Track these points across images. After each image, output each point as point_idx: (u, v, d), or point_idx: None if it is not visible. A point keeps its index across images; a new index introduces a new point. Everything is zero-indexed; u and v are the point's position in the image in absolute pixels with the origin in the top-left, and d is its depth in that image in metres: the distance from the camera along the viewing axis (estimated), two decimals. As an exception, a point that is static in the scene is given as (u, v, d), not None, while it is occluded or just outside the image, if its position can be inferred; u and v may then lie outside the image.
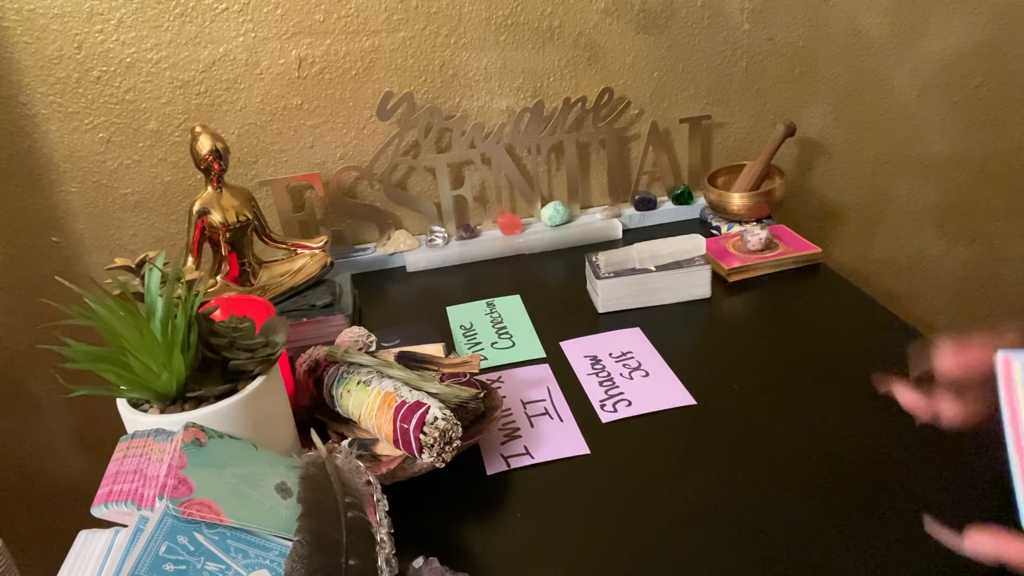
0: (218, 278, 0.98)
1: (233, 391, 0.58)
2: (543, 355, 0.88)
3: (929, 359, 0.50)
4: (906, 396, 0.52)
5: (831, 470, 0.66)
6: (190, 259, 0.96)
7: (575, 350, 0.88)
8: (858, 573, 0.56)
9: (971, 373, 0.48)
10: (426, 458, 0.62)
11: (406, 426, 0.62)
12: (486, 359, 0.88)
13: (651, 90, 1.19)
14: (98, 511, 0.51)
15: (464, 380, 0.72)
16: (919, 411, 0.52)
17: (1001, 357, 0.43)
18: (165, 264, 0.60)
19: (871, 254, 1.40)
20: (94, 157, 1.06)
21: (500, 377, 0.84)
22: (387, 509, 0.55)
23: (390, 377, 0.69)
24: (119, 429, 0.58)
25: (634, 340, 0.89)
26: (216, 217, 0.94)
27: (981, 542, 0.44)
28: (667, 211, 1.23)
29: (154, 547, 0.46)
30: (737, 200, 1.13)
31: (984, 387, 0.46)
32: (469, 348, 0.91)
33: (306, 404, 0.75)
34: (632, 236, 1.16)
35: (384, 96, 1.08)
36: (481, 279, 1.11)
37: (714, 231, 1.16)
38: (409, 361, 0.74)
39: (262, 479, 0.54)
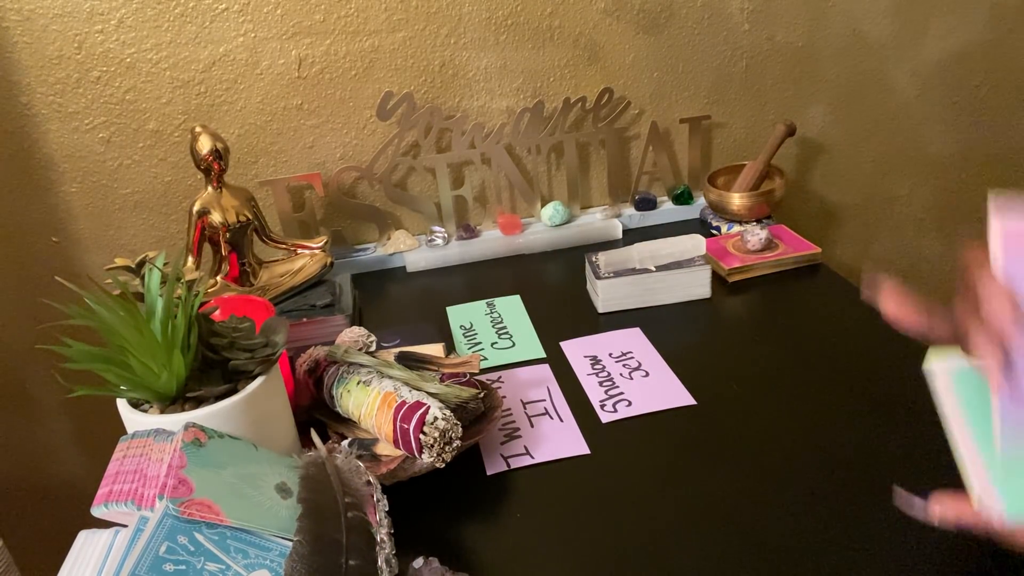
0: (218, 278, 0.98)
1: (233, 391, 0.58)
2: (543, 355, 0.88)
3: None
4: (892, 307, 0.48)
5: (831, 469, 0.66)
6: (190, 259, 0.96)
7: (575, 350, 0.88)
8: (858, 572, 0.56)
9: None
10: (426, 458, 0.62)
11: (406, 426, 0.62)
12: (486, 359, 0.88)
13: (651, 90, 1.19)
14: (98, 511, 0.51)
15: (464, 380, 0.72)
16: (909, 322, 0.48)
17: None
18: (165, 264, 0.60)
19: (871, 254, 1.40)
20: (94, 157, 1.06)
21: (500, 377, 0.84)
22: (387, 509, 0.55)
23: (390, 377, 0.69)
24: (119, 429, 0.58)
25: (634, 340, 0.89)
26: (216, 217, 0.94)
27: (944, 510, 0.46)
28: (667, 211, 1.23)
29: (154, 547, 0.46)
30: (737, 200, 1.13)
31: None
32: (469, 348, 0.91)
33: (306, 404, 0.75)
34: (632, 236, 1.16)
35: (384, 96, 1.08)
36: (481, 279, 1.11)
37: (714, 231, 1.16)
38: (409, 361, 0.74)
39: (262, 479, 0.54)
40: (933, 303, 0.48)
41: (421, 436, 0.61)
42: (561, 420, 0.76)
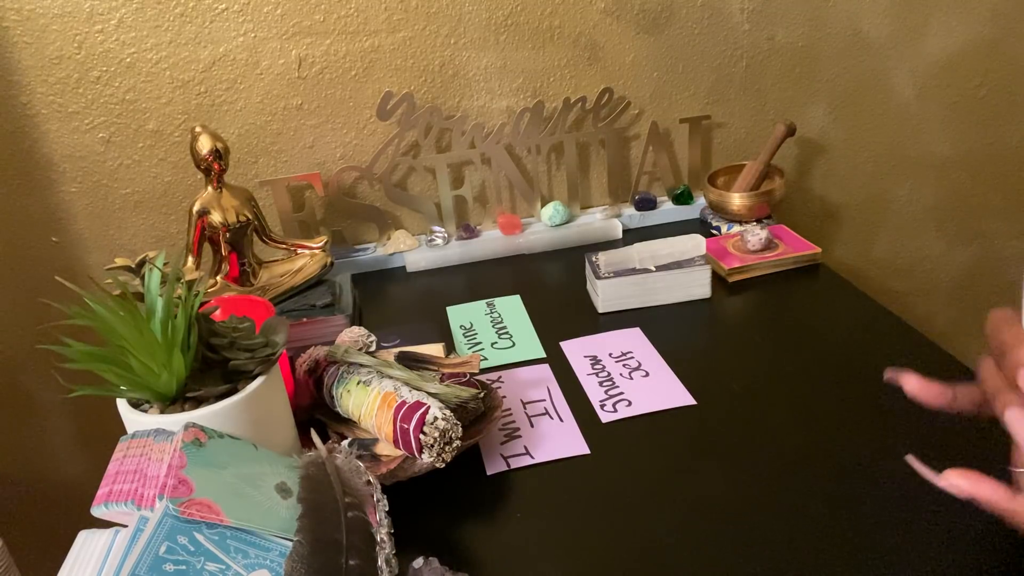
0: (218, 278, 0.98)
1: (233, 391, 0.58)
2: (543, 355, 0.88)
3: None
4: (914, 384, 0.50)
5: (831, 469, 0.66)
6: (190, 259, 0.96)
7: (575, 350, 0.88)
8: (858, 572, 0.56)
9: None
10: (426, 458, 0.62)
11: (406, 426, 0.62)
12: (486, 359, 0.88)
13: (651, 90, 1.19)
14: (98, 511, 0.51)
15: (464, 380, 0.72)
16: (931, 398, 0.50)
17: None
18: (165, 264, 0.60)
19: (871, 254, 1.40)
20: (94, 157, 1.06)
21: (500, 377, 0.84)
22: (387, 509, 0.55)
23: (390, 377, 0.69)
24: (119, 429, 0.58)
25: (634, 340, 0.89)
26: (216, 217, 0.94)
27: (957, 479, 0.46)
28: (667, 211, 1.23)
29: (154, 547, 0.46)
30: (737, 200, 1.13)
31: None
32: (469, 348, 0.91)
33: (306, 404, 0.75)
34: (632, 236, 1.16)
35: (384, 96, 1.08)
36: (481, 279, 1.11)
37: (714, 231, 1.16)
38: (409, 361, 0.74)
39: (262, 479, 0.54)
40: (953, 381, 0.50)
41: (421, 436, 0.61)
42: (561, 420, 0.76)
